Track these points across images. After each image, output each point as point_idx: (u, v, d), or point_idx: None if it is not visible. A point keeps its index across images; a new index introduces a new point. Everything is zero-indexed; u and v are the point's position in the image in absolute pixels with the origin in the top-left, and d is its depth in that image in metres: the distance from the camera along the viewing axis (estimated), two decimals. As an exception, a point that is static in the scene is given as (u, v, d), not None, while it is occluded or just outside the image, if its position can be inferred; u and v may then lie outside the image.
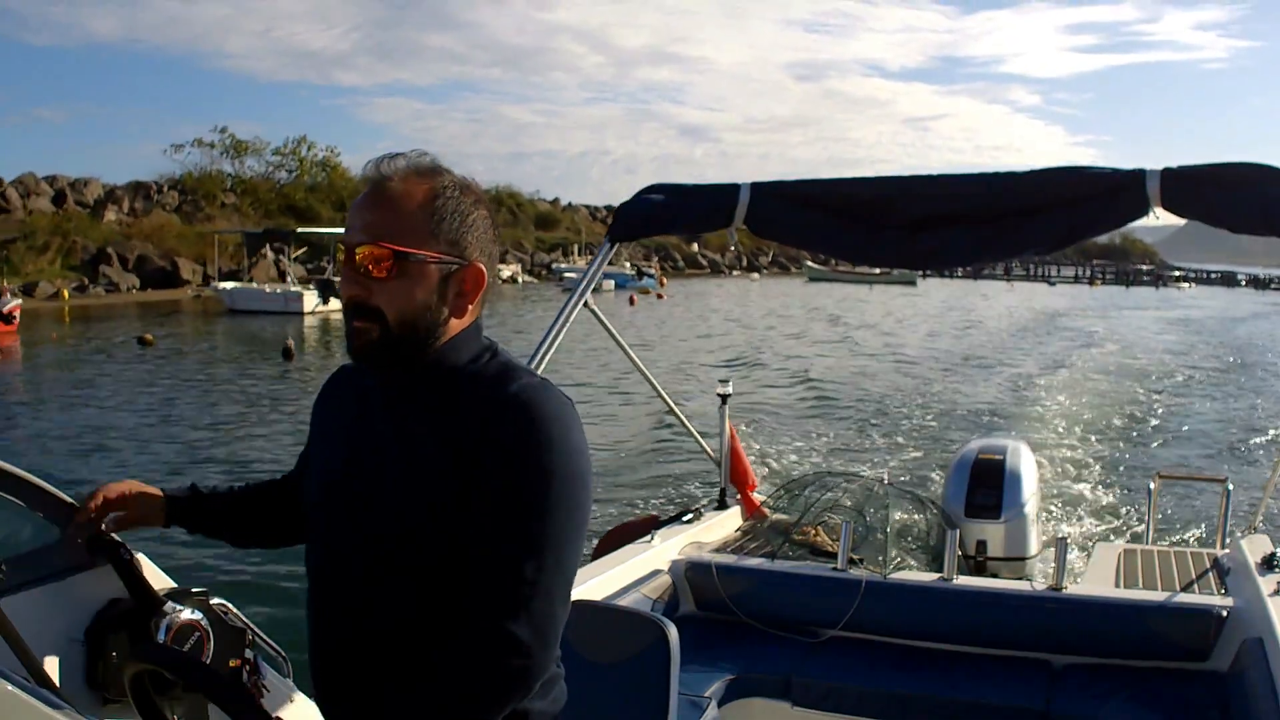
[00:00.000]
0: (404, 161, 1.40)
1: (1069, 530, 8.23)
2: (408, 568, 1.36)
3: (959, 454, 5.45)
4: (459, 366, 1.43)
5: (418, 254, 1.37)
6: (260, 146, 57.55)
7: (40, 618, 1.63)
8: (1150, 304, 54.40)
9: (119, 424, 13.86)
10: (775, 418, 14.44)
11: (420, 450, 1.38)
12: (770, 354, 24.03)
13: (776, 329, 31.98)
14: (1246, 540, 3.78)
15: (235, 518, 1.73)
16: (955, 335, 31.14)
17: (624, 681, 1.57)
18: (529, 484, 1.31)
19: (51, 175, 47.63)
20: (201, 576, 6.33)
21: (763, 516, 4.45)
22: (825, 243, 3.77)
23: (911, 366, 21.74)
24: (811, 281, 68.60)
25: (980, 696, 3.13)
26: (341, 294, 1.41)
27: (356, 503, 1.42)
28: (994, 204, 3.39)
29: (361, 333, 1.39)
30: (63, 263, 40.55)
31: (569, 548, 1.34)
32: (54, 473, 9.81)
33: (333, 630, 1.45)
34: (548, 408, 1.35)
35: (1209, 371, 21.94)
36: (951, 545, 3.64)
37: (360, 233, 1.37)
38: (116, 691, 1.68)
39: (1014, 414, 15.08)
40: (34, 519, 1.69)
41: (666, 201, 3.77)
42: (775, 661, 3.38)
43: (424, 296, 1.38)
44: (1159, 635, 3.23)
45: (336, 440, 1.50)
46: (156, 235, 44.43)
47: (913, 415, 15.08)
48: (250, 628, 1.86)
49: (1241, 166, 3.11)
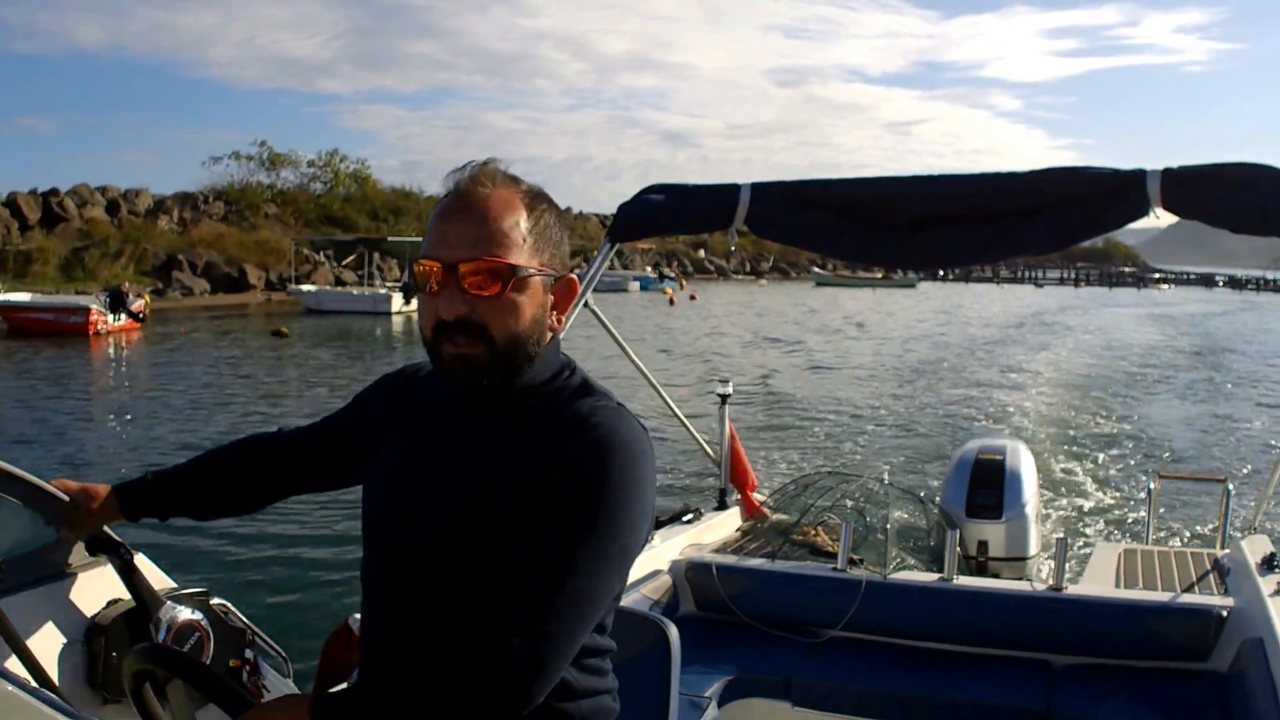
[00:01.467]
0: (493, 171, 1.35)
1: (1069, 530, 8.24)
2: (463, 576, 1.34)
3: (959, 454, 5.46)
4: (542, 382, 1.39)
5: (529, 268, 1.32)
6: (296, 159, 59.59)
7: (40, 618, 1.63)
8: (1132, 303, 57.93)
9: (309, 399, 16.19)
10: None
11: (492, 465, 1.34)
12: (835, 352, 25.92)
13: (814, 324, 35.48)
14: (1246, 540, 3.78)
15: (192, 493, 1.70)
16: (960, 329, 34.40)
17: (624, 681, 1.57)
18: (577, 504, 1.28)
19: (103, 186, 49.28)
20: (202, 576, 6.33)
21: (763, 516, 4.45)
22: (825, 243, 3.76)
23: (939, 355, 24.57)
24: (819, 286, 70.61)
25: (980, 696, 3.13)
26: (442, 314, 1.31)
27: (420, 509, 1.39)
28: (994, 204, 3.39)
29: (466, 357, 1.32)
30: (135, 268, 42.45)
31: (600, 577, 1.29)
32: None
33: (383, 628, 1.44)
34: (617, 433, 1.32)
35: (1185, 355, 25.73)
36: (952, 545, 3.64)
37: (464, 249, 1.30)
38: (116, 691, 1.68)
39: (1014, 399, 16.43)
40: (34, 519, 1.69)
41: (667, 202, 3.77)
42: (775, 662, 3.38)
43: (533, 312, 1.34)
44: (1159, 635, 3.23)
45: (404, 443, 1.46)
46: (219, 243, 46.75)
47: (931, 404, 16.26)
48: (250, 628, 1.87)
49: (1242, 166, 3.11)
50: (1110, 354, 25.40)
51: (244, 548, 7.55)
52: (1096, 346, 27.52)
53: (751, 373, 19.85)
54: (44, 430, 13.17)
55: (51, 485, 1.69)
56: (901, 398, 16.98)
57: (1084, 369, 21.18)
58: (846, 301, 50.96)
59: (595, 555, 1.27)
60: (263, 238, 48.73)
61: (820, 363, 22.62)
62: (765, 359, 23.22)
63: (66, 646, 1.68)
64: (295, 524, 7.96)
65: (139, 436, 12.82)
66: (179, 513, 1.71)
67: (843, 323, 36.55)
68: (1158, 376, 20.67)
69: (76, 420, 14.19)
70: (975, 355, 24.74)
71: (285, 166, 58.42)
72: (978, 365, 22.30)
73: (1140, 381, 19.75)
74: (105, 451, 11.97)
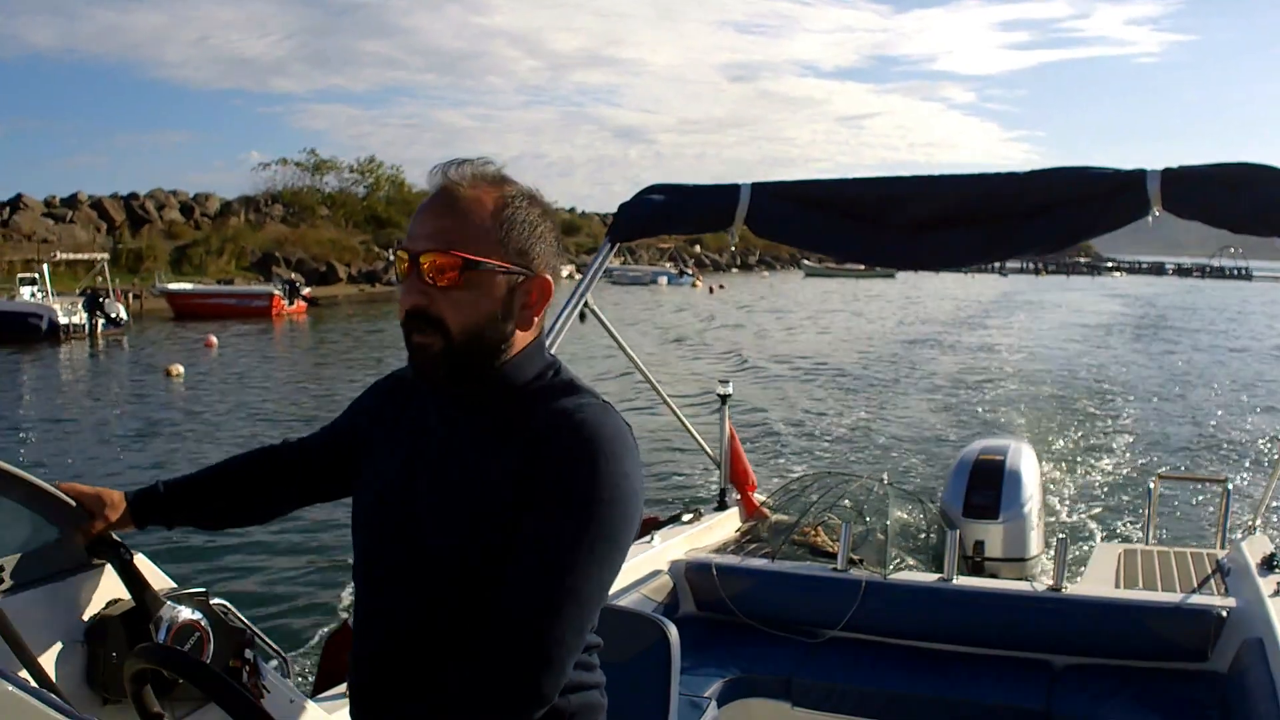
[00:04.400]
0: (471, 169, 1.37)
1: (1069, 530, 8.24)
2: (457, 581, 1.34)
3: (960, 454, 5.47)
4: (525, 382, 1.39)
5: (487, 262, 1.33)
6: (338, 165, 65.05)
7: (40, 618, 1.63)
8: (1090, 288, 70.99)
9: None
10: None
11: (479, 467, 1.35)
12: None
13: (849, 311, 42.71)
14: (1246, 541, 3.78)
15: (203, 502, 1.72)
16: (943, 309, 43.17)
17: (624, 682, 1.57)
18: (570, 502, 1.28)
19: (173, 189, 55.95)
20: (202, 577, 6.33)
21: (763, 517, 4.45)
22: (826, 243, 3.76)
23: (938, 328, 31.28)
24: (809, 277, 75.22)
25: (980, 697, 3.13)
26: (401, 304, 1.35)
27: (410, 515, 1.39)
28: (994, 205, 3.39)
29: (423, 346, 1.34)
30: (236, 264, 48.54)
31: (596, 574, 1.29)
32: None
33: (375, 638, 1.44)
34: (604, 430, 1.32)
35: (1134, 319, 36.07)
36: (952, 545, 3.64)
37: (426, 239, 1.32)
38: (116, 691, 1.68)
39: (1011, 360, 21.32)
40: (34, 519, 1.69)
41: (667, 202, 3.77)
42: (775, 662, 3.37)
43: (490, 307, 1.34)
44: (1159, 635, 3.23)
45: (392, 450, 1.47)
46: (301, 241, 51.77)
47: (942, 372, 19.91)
48: (250, 628, 1.86)
49: (1242, 167, 3.11)
50: (1077, 318, 35.52)
51: (244, 548, 7.56)
52: (1067, 318, 37.20)
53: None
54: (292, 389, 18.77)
55: (55, 488, 1.69)
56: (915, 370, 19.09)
57: (1060, 334, 28.03)
58: (850, 289, 57.78)
59: (592, 551, 1.28)
60: (332, 236, 53.91)
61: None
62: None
63: (66, 646, 1.68)
64: (295, 524, 7.94)
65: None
66: (184, 523, 1.73)
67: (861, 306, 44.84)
68: (1119, 339, 27.45)
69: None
70: (968, 324, 32.12)
71: (329, 172, 63.48)
72: (974, 334, 28.57)
73: (1108, 339, 27.16)
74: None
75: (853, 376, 19.65)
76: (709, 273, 73.31)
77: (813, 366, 21.10)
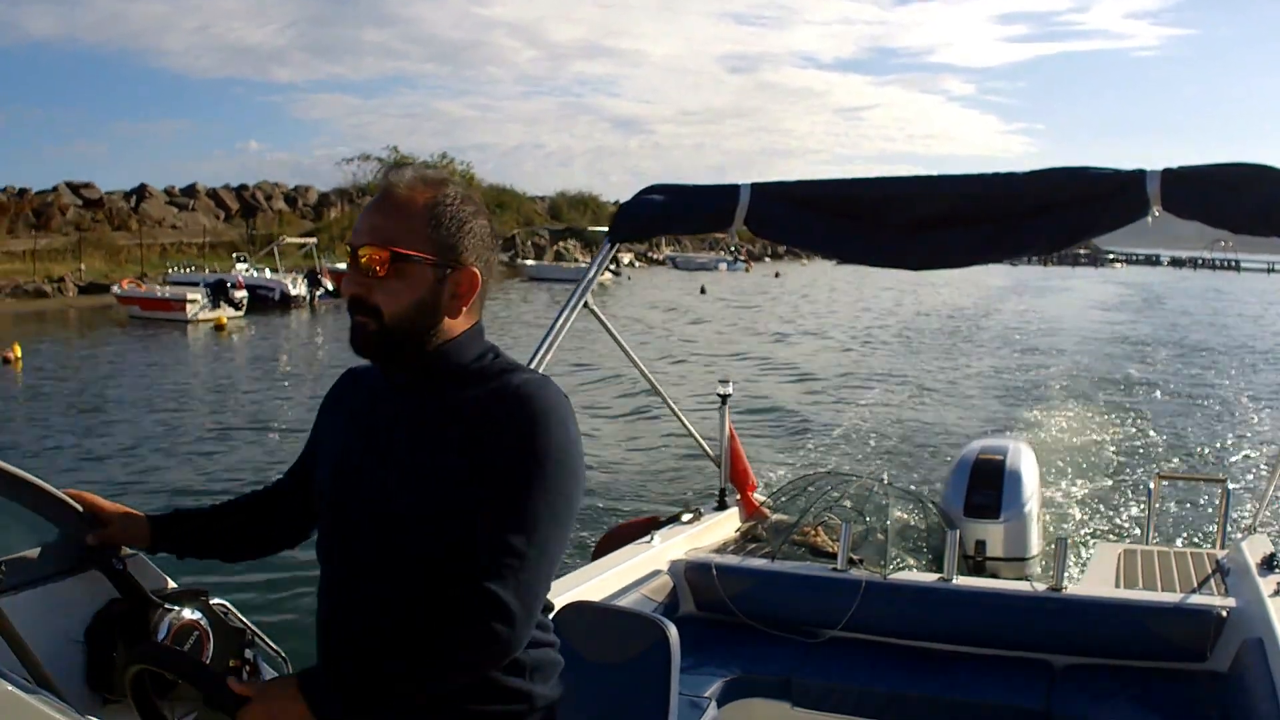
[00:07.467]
0: (411, 172, 1.53)
1: (1069, 530, 8.24)
2: (416, 555, 1.44)
3: (961, 454, 5.47)
4: (463, 365, 1.52)
5: (413, 255, 1.46)
6: (416, 161, 66.14)
7: (40, 618, 1.63)
8: (1095, 277, 78.65)
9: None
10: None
11: (427, 441, 1.46)
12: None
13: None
14: (1246, 541, 3.78)
15: (219, 534, 1.78)
16: (971, 289, 49.64)
17: (624, 682, 1.57)
18: (523, 466, 1.41)
19: (276, 182, 60.83)
20: (201, 577, 6.32)
21: (763, 517, 4.44)
22: (825, 243, 3.76)
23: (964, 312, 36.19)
24: (841, 264, 78.21)
25: (980, 696, 3.13)
26: (344, 292, 1.50)
27: (367, 493, 1.49)
28: (994, 204, 3.39)
29: (360, 327, 1.49)
30: None
31: (556, 530, 1.43)
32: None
33: (341, 615, 1.53)
34: (546, 400, 1.45)
35: (1137, 300, 42.94)
36: (951, 545, 3.63)
37: (364, 235, 1.48)
38: (117, 691, 1.68)
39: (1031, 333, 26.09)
40: (34, 519, 1.69)
41: (667, 202, 3.77)
42: (775, 662, 3.37)
43: (417, 295, 1.48)
44: (1159, 635, 3.22)
45: (347, 435, 1.58)
46: None
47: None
48: (250, 628, 1.86)
49: (1242, 167, 3.11)
50: (1089, 301, 42.01)
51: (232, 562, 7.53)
52: (1079, 299, 44.23)
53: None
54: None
55: (58, 491, 1.70)
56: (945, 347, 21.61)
57: (1077, 318, 32.49)
58: (866, 277, 60.53)
59: (549, 509, 1.41)
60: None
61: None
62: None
63: (66, 646, 1.68)
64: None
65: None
66: (193, 555, 1.78)
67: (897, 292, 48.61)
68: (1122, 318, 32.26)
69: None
70: (994, 304, 38.04)
71: (408, 167, 67.51)
72: (1000, 316, 33.21)
73: (1116, 313, 32.54)
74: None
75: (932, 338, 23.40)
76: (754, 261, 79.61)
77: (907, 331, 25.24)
